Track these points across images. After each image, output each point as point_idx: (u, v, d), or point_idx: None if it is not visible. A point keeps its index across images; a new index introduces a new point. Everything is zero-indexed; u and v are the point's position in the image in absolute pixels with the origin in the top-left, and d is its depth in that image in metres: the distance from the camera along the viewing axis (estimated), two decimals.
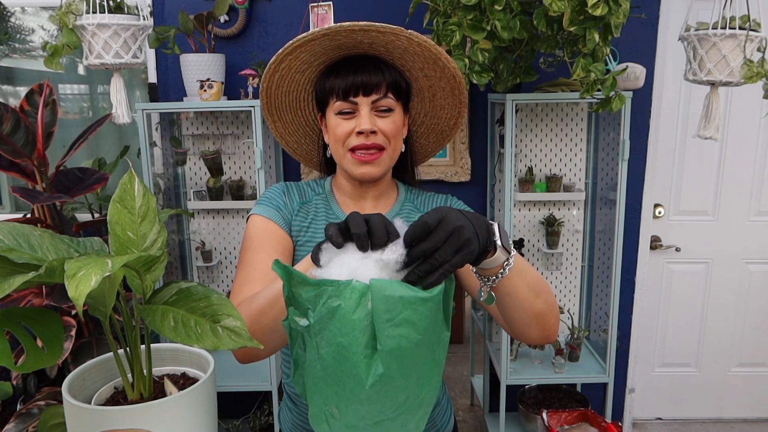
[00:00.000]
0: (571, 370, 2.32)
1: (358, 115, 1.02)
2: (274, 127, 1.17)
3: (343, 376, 0.67)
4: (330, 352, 0.66)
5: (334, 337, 0.66)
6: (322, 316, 0.66)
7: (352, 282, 0.65)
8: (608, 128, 2.33)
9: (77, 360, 1.85)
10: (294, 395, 1.15)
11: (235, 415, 2.56)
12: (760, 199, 2.68)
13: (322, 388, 0.70)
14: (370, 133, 1.01)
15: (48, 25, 2.57)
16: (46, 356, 0.71)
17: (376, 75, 1.02)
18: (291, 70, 1.07)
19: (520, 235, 2.51)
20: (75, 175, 2.04)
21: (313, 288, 0.67)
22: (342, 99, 1.02)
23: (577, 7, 1.55)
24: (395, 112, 1.04)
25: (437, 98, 1.12)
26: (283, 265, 0.68)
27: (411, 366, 0.67)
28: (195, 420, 0.74)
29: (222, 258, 2.52)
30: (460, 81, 1.07)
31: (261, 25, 2.36)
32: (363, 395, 0.67)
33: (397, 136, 1.06)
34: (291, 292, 0.69)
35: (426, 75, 1.08)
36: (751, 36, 1.71)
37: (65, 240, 0.73)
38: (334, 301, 0.65)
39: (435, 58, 1.03)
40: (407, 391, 0.69)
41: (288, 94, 1.12)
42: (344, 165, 1.06)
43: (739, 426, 2.88)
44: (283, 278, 0.69)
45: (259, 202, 1.11)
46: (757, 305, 2.79)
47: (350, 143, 1.03)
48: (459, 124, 1.17)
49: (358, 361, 0.65)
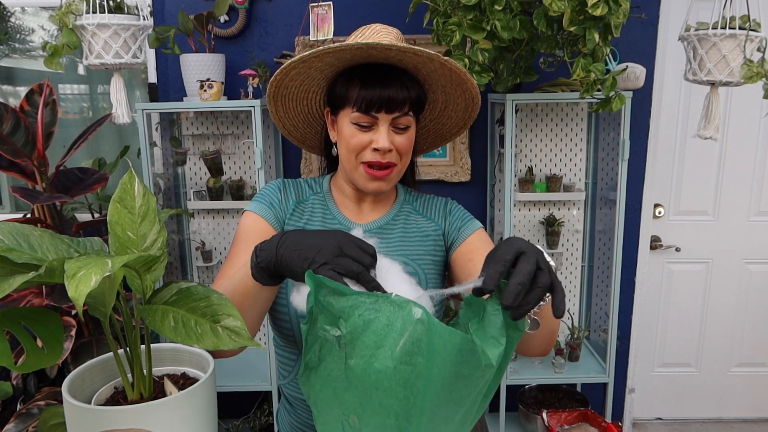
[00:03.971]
0: (571, 370, 2.32)
1: (375, 130, 1.00)
2: (274, 111, 1.12)
3: (371, 389, 0.67)
4: (360, 364, 0.67)
5: (367, 348, 0.66)
6: (356, 327, 0.66)
7: (391, 296, 0.66)
8: (608, 128, 2.33)
9: (77, 360, 1.85)
10: (291, 397, 1.14)
11: (235, 415, 2.56)
12: (760, 199, 2.68)
13: (343, 398, 0.70)
14: (387, 151, 1.00)
15: (48, 25, 2.57)
16: (46, 356, 0.71)
17: (402, 92, 0.98)
18: (311, 68, 1.03)
19: (520, 235, 2.51)
20: (75, 175, 2.04)
21: (348, 299, 0.67)
22: (363, 112, 0.98)
23: (577, 7, 1.55)
24: (411, 128, 1.03)
25: (449, 109, 1.12)
26: (315, 276, 0.70)
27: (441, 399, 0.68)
28: (195, 420, 0.74)
29: (222, 258, 2.52)
30: (478, 102, 1.06)
31: (261, 25, 2.36)
32: (392, 409, 0.67)
33: (409, 151, 1.05)
34: (319, 302, 0.70)
35: (445, 91, 1.07)
36: (751, 36, 1.71)
37: (65, 240, 0.73)
38: (370, 314, 0.66)
39: (460, 81, 1.02)
40: (434, 415, 0.70)
41: (299, 86, 1.08)
42: (354, 176, 1.05)
43: (739, 426, 2.88)
44: (312, 288, 0.69)
45: (254, 198, 1.10)
46: (757, 305, 2.79)
47: (364, 156, 1.01)
48: (462, 132, 1.16)
49: (391, 375, 0.65)
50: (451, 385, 0.68)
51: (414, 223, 1.13)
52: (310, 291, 0.71)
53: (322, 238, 0.76)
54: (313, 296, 0.71)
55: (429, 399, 0.67)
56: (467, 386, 0.71)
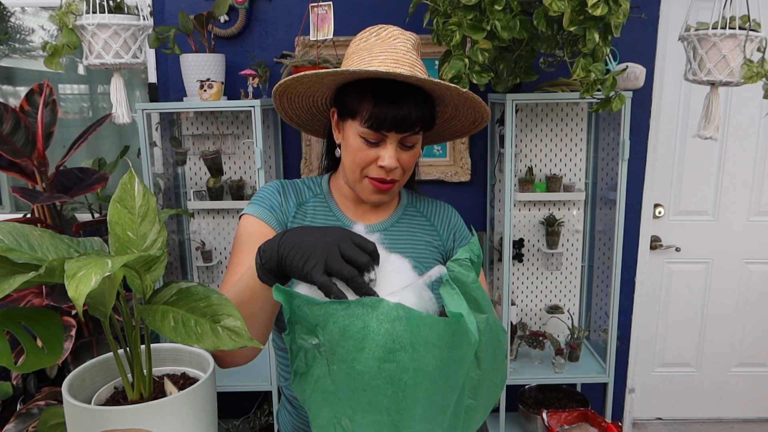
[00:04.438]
0: (571, 370, 2.32)
1: (383, 147, 0.98)
2: (279, 105, 1.10)
3: (358, 390, 0.67)
4: (342, 368, 0.67)
5: (346, 353, 0.66)
6: (332, 335, 0.67)
7: (362, 300, 0.67)
8: (608, 128, 2.33)
9: (77, 360, 1.85)
10: (292, 398, 1.15)
11: (235, 415, 2.56)
12: (760, 199, 2.68)
13: (332, 402, 0.70)
14: (392, 169, 0.99)
15: (48, 25, 2.57)
16: (46, 356, 0.71)
17: (415, 112, 0.96)
18: (323, 79, 1.00)
19: (520, 235, 2.51)
20: (75, 175, 2.04)
21: (320, 307, 0.67)
22: (373, 129, 0.96)
23: (577, 7, 1.54)
24: (417, 144, 1.02)
25: (456, 120, 1.12)
26: (284, 289, 0.70)
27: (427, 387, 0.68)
28: (195, 420, 0.74)
29: (222, 258, 2.52)
30: (487, 120, 1.06)
31: (261, 25, 2.36)
32: (382, 406, 0.67)
33: (413, 166, 1.04)
34: (294, 313, 0.70)
35: (456, 108, 1.06)
36: (751, 36, 1.71)
37: (65, 240, 0.73)
38: (345, 320, 0.66)
39: (473, 104, 1.01)
40: (429, 403, 0.70)
41: (307, 89, 1.05)
42: (357, 188, 1.04)
43: (739, 426, 2.88)
44: (284, 301, 0.69)
45: (252, 201, 1.07)
46: (757, 305, 2.79)
47: (369, 172, 1.00)
48: (464, 137, 1.16)
49: (375, 374, 0.66)
50: (447, 371, 0.69)
51: (418, 226, 1.13)
52: (283, 303, 0.70)
53: (320, 236, 0.74)
54: (287, 307, 0.70)
55: (421, 390, 0.67)
56: (461, 368, 0.72)
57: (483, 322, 0.73)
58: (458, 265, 0.72)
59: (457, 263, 0.72)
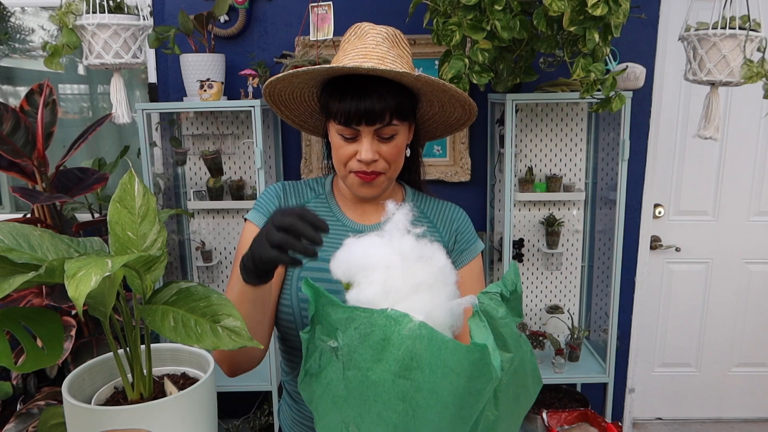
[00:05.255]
0: (571, 370, 2.32)
1: (360, 141, 0.99)
2: (276, 108, 1.13)
3: (370, 400, 0.67)
4: (357, 376, 0.67)
5: (363, 362, 0.66)
6: (352, 341, 0.66)
7: (387, 311, 0.66)
8: (608, 128, 2.33)
9: (77, 360, 1.85)
10: (294, 393, 1.15)
11: (235, 415, 2.56)
12: (760, 199, 2.68)
13: (342, 407, 0.70)
14: (371, 161, 1.00)
15: (48, 25, 2.57)
16: (46, 356, 0.71)
17: (380, 102, 0.96)
18: (293, 83, 1.04)
19: (520, 235, 2.51)
20: (75, 175, 2.04)
21: (344, 311, 0.67)
22: (344, 125, 0.98)
23: (577, 7, 1.55)
24: (399, 134, 1.02)
25: (445, 112, 1.12)
26: (312, 284, 0.70)
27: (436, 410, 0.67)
28: (195, 420, 0.74)
29: (222, 258, 2.52)
30: (471, 103, 1.06)
31: (261, 25, 2.36)
32: (390, 421, 0.67)
33: (398, 158, 1.04)
34: (318, 311, 0.70)
35: (437, 96, 1.06)
36: (751, 36, 1.71)
37: (65, 240, 0.73)
38: (366, 328, 0.66)
39: (443, 90, 1.02)
40: (434, 431, 0.69)
41: (290, 93, 1.09)
42: (347, 183, 1.06)
43: (739, 426, 2.88)
44: (311, 297, 0.69)
45: (254, 205, 1.10)
46: (757, 305, 2.79)
47: (351, 167, 1.02)
48: (468, 124, 1.16)
49: (389, 388, 0.65)
50: (462, 400, 0.66)
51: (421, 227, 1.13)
52: (310, 299, 0.71)
53: None
54: (313, 304, 0.71)
55: (432, 413, 0.66)
56: (478, 402, 0.68)
57: (508, 361, 0.70)
58: (488, 299, 0.71)
59: (487, 296, 0.71)
